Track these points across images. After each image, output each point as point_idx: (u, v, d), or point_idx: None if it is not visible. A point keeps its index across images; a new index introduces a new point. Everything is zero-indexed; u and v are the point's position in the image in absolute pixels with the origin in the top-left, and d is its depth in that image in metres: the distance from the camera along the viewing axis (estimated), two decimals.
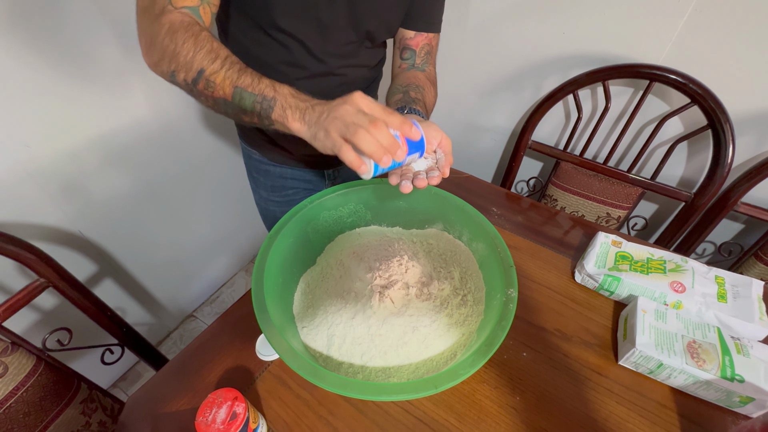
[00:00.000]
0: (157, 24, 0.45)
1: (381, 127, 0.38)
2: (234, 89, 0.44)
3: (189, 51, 0.44)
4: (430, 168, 0.49)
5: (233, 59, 0.45)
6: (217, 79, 0.44)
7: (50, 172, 0.87)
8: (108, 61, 0.88)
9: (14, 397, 0.57)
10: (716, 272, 0.63)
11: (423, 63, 0.68)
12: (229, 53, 0.46)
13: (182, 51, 0.44)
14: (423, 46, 0.67)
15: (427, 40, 0.67)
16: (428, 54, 0.68)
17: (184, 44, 0.44)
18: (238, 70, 0.44)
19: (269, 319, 0.46)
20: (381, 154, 0.38)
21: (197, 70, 0.44)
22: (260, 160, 0.79)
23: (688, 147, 0.93)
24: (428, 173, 0.48)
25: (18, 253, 0.58)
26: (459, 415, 0.52)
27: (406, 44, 0.67)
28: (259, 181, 0.82)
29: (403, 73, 0.68)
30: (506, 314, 0.47)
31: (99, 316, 0.71)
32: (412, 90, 0.61)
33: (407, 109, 0.55)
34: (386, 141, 0.38)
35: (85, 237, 0.99)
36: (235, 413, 0.42)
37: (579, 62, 0.93)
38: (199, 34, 0.45)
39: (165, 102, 1.03)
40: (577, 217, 0.83)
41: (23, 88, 0.77)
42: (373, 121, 0.38)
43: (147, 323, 1.28)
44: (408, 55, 0.67)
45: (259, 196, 0.85)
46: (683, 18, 0.78)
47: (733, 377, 0.49)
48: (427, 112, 0.60)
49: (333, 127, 0.39)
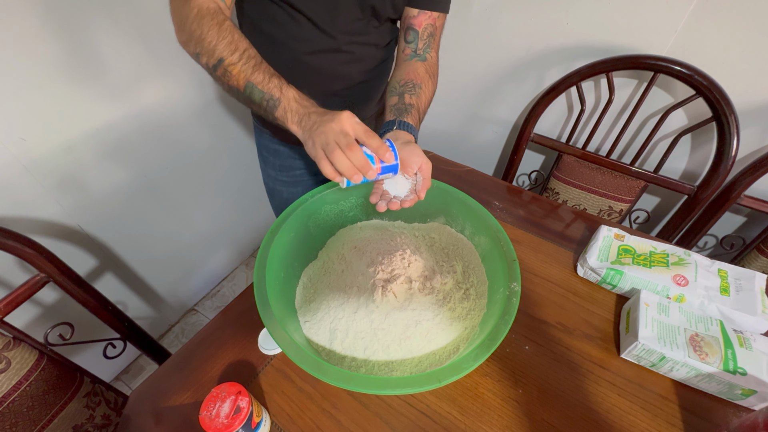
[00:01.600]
0: (186, 7, 0.50)
1: (355, 151, 0.44)
2: (246, 83, 0.49)
3: (213, 39, 0.49)
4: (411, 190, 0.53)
5: (251, 53, 0.50)
6: (233, 70, 0.49)
7: (47, 165, 0.86)
8: (104, 54, 0.87)
9: (18, 392, 0.57)
10: (719, 265, 0.63)
11: (425, 48, 0.67)
12: (248, 46, 0.50)
13: (207, 37, 0.49)
14: (426, 27, 0.66)
15: (430, 20, 0.66)
16: (431, 37, 0.67)
17: (209, 31, 0.49)
18: (253, 65, 0.49)
19: (272, 314, 0.46)
20: (352, 173, 0.44)
21: (218, 58, 0.49)
22: (271, 140, 0.81)
23: (691, 139, 0.92)
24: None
25: (18, 248, 0.58)
26: (462, 408, 0.52)
27: (410, 24, 0.66)
28: (268, 160, 0.84)
29: (404, 63, 0.67)
30: (509, 308, 0.47)
31: (100, 310, 0.71)
32: (408, 92, 0.62)
33: (397, 124, 0.57)
34: (358, 163, 0.44)
35: (85, 231, 0.99)
36: (239, 407, 0.42)
37: (582, 53, 0.92)
38: (223, 23, 0.50)
39: (162, 94, 1.02)
40: (579, 211, 0.83)
41: (18, 82, 0.76)
42: (349, 145, 0.44)
43: (148, 317, 1.28)
44: (411, 38, 0.66)
45: (267, 175, 0.88)
46: (689, 8, 0.77)
47: (735, 370, 0.49)
48: (420, 117, 0.62)
49: (318, 141, 0.45)
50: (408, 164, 0.52)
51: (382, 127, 0.59)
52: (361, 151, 0.44)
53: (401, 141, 0.54)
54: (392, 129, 0.57)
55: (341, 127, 0.44)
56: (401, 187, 0.53)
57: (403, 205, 0.52)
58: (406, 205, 0.52)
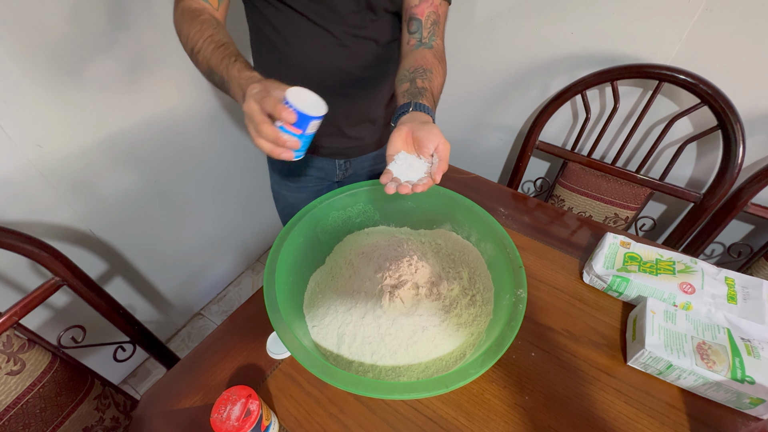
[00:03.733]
0: (177, 10, 0.56)
1: (262, 129, 0.42)
2: (207, 68, 0.52)
3: (188, 31, 0.53)
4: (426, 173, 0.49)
5: (214, 38, 0.52)
6: (200, 57, 0.52)
7: (61, 171, 0.88)
8: (118, 64, 0.89)
9: (31, 393, 0.58)
10: (726, 273, 0.63)
11: (430, 36, 0.65)
12: (215, 32, 0.52)
13: (184, 31, 0.54)
14: (429, 15, 0.64)
15: (433, 8, 0.64)
16: (435, 24, 0.65)
17: (186, 25, 0.54)
18: (212, 48, 0.51)
19: (281, 318, 0.47)
20: (277, 152, 0.44)
21: (190, 48, 0.53)
22: None
23: (697, 147, 0.92)
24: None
25: (34, 252, 0.59)
26: (468, 414, 0.52)
27: (412, 13, 0.64)
28: (275, 164, 0.86)
29: (411, 53, 0.65)
30: (516, 314, 0.47)
31: (111, 313, 0.72)
32: (419, 77, 0.59)
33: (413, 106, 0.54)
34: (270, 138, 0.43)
35: (96, 236, 1.00)
36: (249, 410, 0.43)
37: (587, 62, 0.93)
38: (198, 17, 0.54)
39: (173, 102, 1.04)
40: (584, 218, 0.83)
41: (35, 90, 0.79)
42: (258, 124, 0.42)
43: (155, 321, 1.29)
44: (415, 28, 0.65)
45: (274, 180, 0.89)
46: (693, 17, 0.77)
47: (743, 379, 0.49)
48: (434, 100, 0.58)
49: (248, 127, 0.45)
50: (423, 145, 0.48)
51: (397, 111, 0.56)
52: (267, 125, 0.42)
53: (418, 121, 0.50)
54: (408, 111, 0.53)
55: (248, 107, 0.43)
56: (415, 170, 0.49)
57: (415, 190, 0.47)
58: (419, 189, 0.48)
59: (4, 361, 0.56)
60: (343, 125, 0.75)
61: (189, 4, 0.56)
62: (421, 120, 0.51)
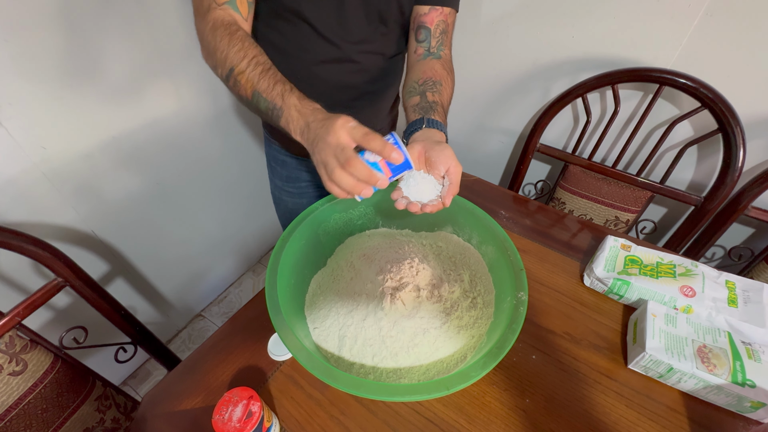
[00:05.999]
0: (203, 22, 0.51)
1: (354, 165, 0.40)
2: (253, 92, 0.48)
3: (224, 48, 0.48)
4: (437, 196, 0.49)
5: (260, 59, 0.48)
6: (242, 79, 0.48)
7: (65, 173, 0.89)
8: (122, 66, 0.90)
9: (33, 394, 0.58)
10: (727, 277, 0.63)
11: (438, 46, 0.64)
12: (258, 53, 0.49)
13: (219, 48, 0.49)
14: (438, 24, 0.63)
15: (442, 17, 0.63)
16: (444, 34, 0.64)
17: (221, 41, 0.49)
18: (260, 72, 0.47)
19: (283, 320, 0.47)
20: (357, 190, 0.41)
21: (229, 68, 0.48)
22: (279, 150, 0.82)
23: (697, 151, 0.92)
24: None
25: (38, 253, 0.60)
26: (469, 417, 0.52)
27: (421, 21, 0.63)
28: (276, 170, 0.85)
29: (419, 63, 0.64)
30: (517, 317, 0.47)
31: (113, 315, 0.72)
32: (429, 90, 0.58)
33: (426, 122, 0.53)
34: (362, 176, 0.40)
35: (98, 237, 1.01)
36: (251, 412, 0.43)
37: (588, 65, 0.93)
38: (235, 33, 0.49)
39: (176, 104, 1.05)
40: (585, 221, 0.83)
41: (39, 93, 0.79)
42: (348, 160, 0.40)
43: (156, 322, 1.29)
44: (423, 36, 0.63)
45: (274, 185, 0.89)
46: (694, 22, 0.78)
47: (744, 382, 0.49)
48: (445, 112, 0.58)
49: (318, 160, 0.42)
50: (435, 166, 0.47)
51: (409, 126, 0.55)
52: (361, 163, 0.40)
53: (432, 140, 0.49)
54: (421, 128, 0.52)
55: (337, 140, 0.41)
56: (426, 191, 0.48)
57: (424, 210, 0.47)
58: (428, 210, 0.47)
59: (7, 362, 0.56)
60: None
61: (219, 16, 0.51)
62: (434, 139, 0.49)
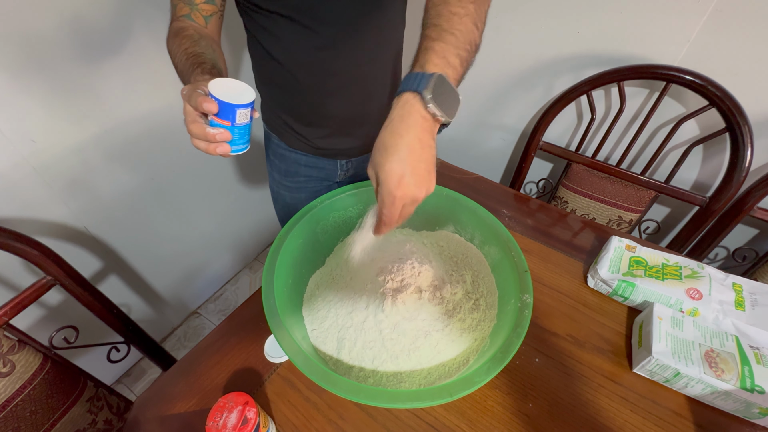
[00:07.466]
0: (168, 31, 0.56)
1: (189, 129, 0.42)
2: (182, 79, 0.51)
3: (171, 47, 0.54)
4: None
5: (189, 50, 0.51)
6: (177, 70, 0.52)
7: (56, 167, 0.86)
8: (113, 58, 0.87)
9: (21, 396, 0.56)
10: (733, 279, 0.62)
11: None
12: (189, 45, 0.52)
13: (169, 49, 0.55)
14: None
15: None
16: None
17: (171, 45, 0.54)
18: (184, 60, 0.51)
19: (280, 323, 0.45)
20: (211, 148, 0.43)
21: (174, 64, 0.53)
22: (278, 144, 0.80)
23: (703, 150, 0.91)
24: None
25: (25, 251, 0.58)
26: (471, 421, 0.51)
27: None
28: (275, 164, 0.84)
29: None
30: (521, 320, 0.46)
31: (105, 313, 0.70)
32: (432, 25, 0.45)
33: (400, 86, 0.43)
34: (198, 136, 0.42)
35: (91, 233, 0.99)
36: (246, 418, 0.41)
37: (593, 62, 0.92)
38: (179, 34, 0.53)
39: (169, 98, 1.02)
40: (588, 220, 0.82)
41: (29, 84, 0.77)
42: (189, 123, 0.42)
43: (151, 320, 1.28)
44: None
45: (273, 179, 0.87)
46: (703, 18, 0.76)
47: (753, 388, 0.48)
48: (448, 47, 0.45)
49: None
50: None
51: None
52: (194, 123, 0.42)
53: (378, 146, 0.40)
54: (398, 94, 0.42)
55: (184, 108, 0.43)
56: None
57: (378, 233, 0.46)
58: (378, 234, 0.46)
59: None
60: (344, 125, 0.73)
61: (176, 26, 0.56)
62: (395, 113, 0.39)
